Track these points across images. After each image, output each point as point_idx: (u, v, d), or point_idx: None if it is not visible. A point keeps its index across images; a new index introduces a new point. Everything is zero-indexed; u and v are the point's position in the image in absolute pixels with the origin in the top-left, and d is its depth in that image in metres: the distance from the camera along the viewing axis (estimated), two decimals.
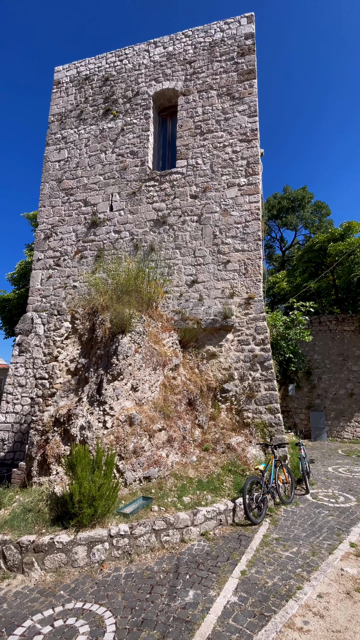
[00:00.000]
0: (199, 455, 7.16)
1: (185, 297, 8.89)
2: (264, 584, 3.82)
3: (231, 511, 5.51)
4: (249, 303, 8.51)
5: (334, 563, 4.20)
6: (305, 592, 3.64)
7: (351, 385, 15.48)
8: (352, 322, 15.82)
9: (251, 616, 3.29)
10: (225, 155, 9.24)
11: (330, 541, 4.82)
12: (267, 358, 8.10)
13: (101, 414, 6.07)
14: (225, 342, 8.48)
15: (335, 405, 15.52)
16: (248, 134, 9.16)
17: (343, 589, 3.69)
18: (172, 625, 3.17)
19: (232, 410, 8.18)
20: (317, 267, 18.42)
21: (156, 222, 9.53)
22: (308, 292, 19.66)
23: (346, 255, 16.16)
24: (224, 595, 3.61)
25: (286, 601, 3.50)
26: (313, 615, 3.29)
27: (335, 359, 15.92)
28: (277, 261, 32.15)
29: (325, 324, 16.33)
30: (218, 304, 8.62)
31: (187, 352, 8.63)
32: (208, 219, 9.09)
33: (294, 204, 29.46)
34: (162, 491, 5.71)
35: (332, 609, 3.36)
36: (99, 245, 9.90)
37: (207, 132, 9.55)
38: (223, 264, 8.77)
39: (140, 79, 10.70)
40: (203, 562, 4.29)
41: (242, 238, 8.74)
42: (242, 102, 9.45)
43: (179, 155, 9.71)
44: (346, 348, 15.83)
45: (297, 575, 3.97)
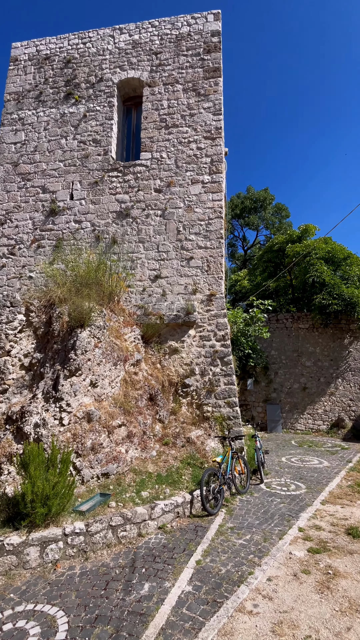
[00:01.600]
0: (159, 449, 7.18)
1: (148, 292, 8.83)
2: (218, 571, 3.94)
3: (189, 503, 5.61)
4: (211, 300, 8.64)
5: (283, 547, 4.43)
6: (256, 576, 3.80)
7: (304, 379, 16.35)
8: (307, 320, 16.67)
9: (204, 604, 3.38)
10: (190, 152, 9.26)
11: (281, 527, 5.07)
12: (227, 354, 8.29)
13: (57, 410, 5.87)
14: (188, 337, 8.55)
15: (290, 398, 16.33)
16: (212, 132, 9.25)
17: (291, 571, 3.91)
18: (127, 619, 3.17)
19: (192, 404, 8.30)
20: (276, 267, 19.17)
21: (119, 214, 9.34)
22: (267, 290, 20.42)
23: (302, 257, 16.97)
24: (179, 586, 3.67)
25: (238, 587, 3.64)
26: (262, 598, 3.46)
27: (290, 355, 16.71)
28: (240, 260, 33.00)
29: (282, 321, 17.06)
30: (181, 299, 8.66)
31: (149, 348, 8.59)
32: (172, 214, 9.07)
33: (256, 204, 30.37)
34: (120, 487, 5.66)
35: (280, 591, 3.55)
36: (57, 235, 9.50)
37: (172, 127, 9.50)
38: (186, 260, 8.81)
39: (104, 64, 10.36)
40: (159, 554, 4.32)
41: (205, 235, 8.83)
42: (208, 99, 9.50)
43: (144, 148, 9.56)
44: (300, 345, 16.67)
45: (249, 561, 4.14)
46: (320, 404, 15.99)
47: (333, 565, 4.00)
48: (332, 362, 16.23)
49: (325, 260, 16.58)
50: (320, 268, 15.91)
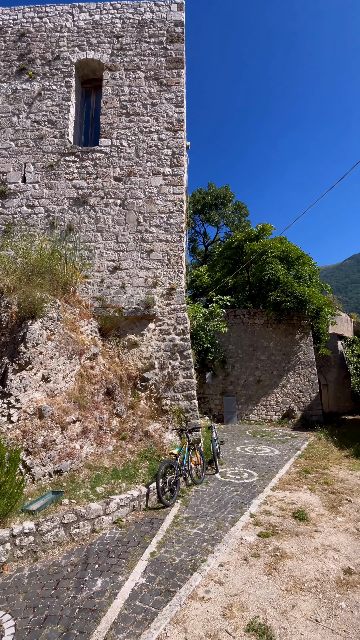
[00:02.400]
0: (115, 444, 7.08)
1: (106, 284, 8.59)
2: (172, 561, 3.97)
3: (145, 496, 5.60)
4: (171, 294, 8.63)
5: (235, 534, 4.59)
6: (209, 563, 3.90)
7: (259, 372, 17.04)
8: (262, 316, 17.34)
9: (158, 594, 3.40)
10: (151, 142, 9.10)
11: (233, 514, 5.25)
12: (186, 347, 8.35)
13: (5, 407, 5.53)
14: (147, 331, 8.48)
15: (245, 391, 16.93)
16: (174, 124, 9.16)
17: (241, 556, 4.06)
18: (78, 617, 3.09)
19: (151, 398, 8.27)
20: (235, 264, 19.65)
21: (76, 201, 8.94)
22: (226, 287, 20.90)
23: (259, 255, 17.56)
24: (133, 579, 3.65)
25: (191, 574, 3.70)
26: (214, 583, 3.55)
27: (246, 349, 17.30)
28: (200, 255, 33.40)
29: (240, 317, 17.58)
30: (141, 292, 8.55)
31: (107, 341, 8.39)
32: (132, 205, 8.88)
33: (217, 201, 30.84)
34: (74, 484, 5.50)
35: (230, 576, 3.67)
36: (7, 219, 8.89)
37: (134, 115, 9.26)
38: (147, 252, 8.69)
39: (62, 42, 9.79)
40: (114, 549, 4.27)
41: (165, 228, 8.77)
42: (170, 90, 9.38)
43: (103, 134, 9.22)
44: (256, 339, 17.32)
45: (203, 549, 4.23)
46: (273, 396, 16.77)
47: (280, 547, 4.21)
48: (284, 356, 17.06)
49: (280, 259, 17.31)
50: (275, 266, 16.58)
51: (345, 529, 4.69)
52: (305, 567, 3.79)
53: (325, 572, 3.68)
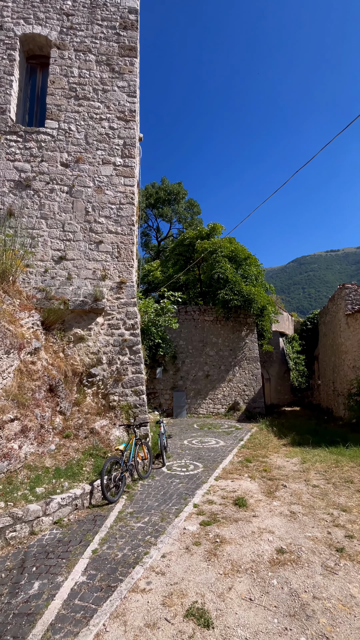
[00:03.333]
0: (59, 443, 6.80)
1: (51, 274, 8.17)
2: (115, 557, 3.94)
3: (88, 494, 5.46)
4: (121, 287, 8.47)
5: (178, 524, 4.68)
6: (151, 555, 3.93)
7: (208, 367, 17.51)
8: (212, 313, 17.82)
9: (98, 590, 3.34)
10: (102, 130, 8.79)
11: (178, 506, 5.34)
12: (136, 343, 8.27)
13: None
14: (95, 325, 8.23)
15: (195, 385, 17.31)
16: (126, 114, 8.95)
17: (183, 545, 4.15)
18: (12, 623, 2.93)
19: (98, 394, 8.07)
20: (187, 261, 19.90)
21: (18, 184, 8.34)
22: (178, 283, 21.09)
23: (209, 253, 17.98)
24: (72, 578, 3.55)
25: (133, 568, 3.70)
26: (156, 574, 3.59)
27: (196, 345, 17.67)
28: (153, 250, 33.25)
29: (190, 313, 17.88)
30: (89, 285, 8.26)
31: (51, 335, 7.99)
32: (80, 193, 8.52)
33: (170, 197, 30.90)
34: (11, 485, 5.18)
35: (172, 565, 3.74)
36: None
37: (83, 99, 8.86)
38: (95, 243, 8.41)
39: (5, 12, 9.02)
40: (53, 550, 4.11)
41: (115, 220, 8.55)
42: (122, 78, 9.14)
43: (50, 115, 8.70)
44: (206, 335, 17.76)
45: (146, 542, 4.25)
46: (220, 390, 17.37)
47: (221, 534, 4.39)
48: (231, 351, 17.73)
49: (229, 259, 17.90)
50: (224, 265, 17.11)
51: (280, 512, 5.03)
52: (242, 550, 4.00)
53: (260, 554, 3.92)
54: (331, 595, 3.20)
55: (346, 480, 6.38)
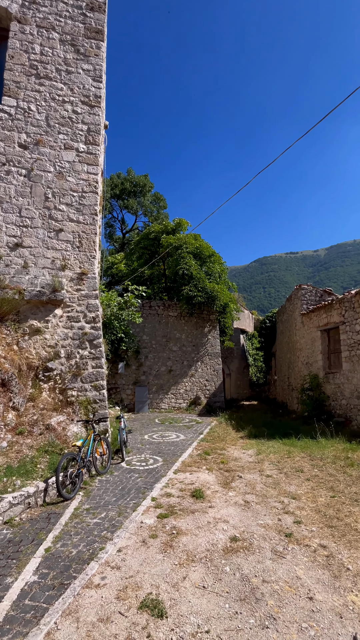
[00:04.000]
0: (10, 440, 6.48)
1: (5, 262, 7.70)
2: (69, 554, 3.84)
3: (42, 492, 5.28)
4: (82, 279, 8.20)
5: (136, 518, 4.67)
6: (107, 550, 3.89)
7: (171, 362, 17.60)
8: (176, 308, 17.89)
9: (50, 589, 3.25)
10: (65, 113, 8.39)
11: (136, 500, 5.33)
12: (97, 336, 8.07)
13: None
14: (53, 317, 7.91)
15: (157, 380, 17.32)
16: (91, 99, 8.62)
17: (140, 538, 4.15)
18: None
19: (55, 389, 7.79)
20: (152, 255, 19.76)
21: None
22: (142, 277, 20.90)
23: (175, 249, 18.00)
24: (23, 578, 3.41)
25: (88, 564, 3.63)
26: (111, 569, 3.55)
27: (160, 340, 17.66)
28: (118, 242, 32.61)
29: (155, 308, 17.82)
30: (47, 274, 7.91)
31: (4, 326, 7.56)
32: (40, 177, 8.09)
33: (136, 189, 30.42)
34: None
35: (128, 559, 3.72)
36: None
37: (45, 78, 8.39)
38: (55, 231, 8.05)
39: None
40: (3, 550, 3.92)
41: (77, 208, 8.24)
42: (88, 61, 8.78)
43: (7, 92, 8.13)
44: (169, 331, 17.81)
45: (102, 537, 4.20)
46: (182, 385, 17.54)
47: (177, 525, 4.45)
48: (194, 347, 17.96)
49: (194, 255, 18.05)
50: (189, 262, 17.22)
51: (235, 502, 5.20)
52: (198, 540, 4.08)
53: (215, 543, 4.02)
54: (279, 578, 3.37)
55: (297, 469, 6.73)
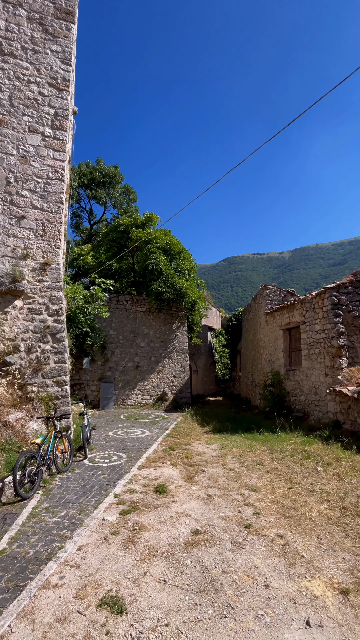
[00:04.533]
0: None
1: None
2: (25, 555, 3.69)
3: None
4: (45, 269, 7.87)
5: (97, 516, 4.58)
6: (66, 549, 3.78)
7: (138, 358, 17.45)
8: (145, 304, 17.74)
9: (5, 592, 3.10)
10: (30, 94, 7.97)
11: (98, 497, 5.23)
12: (60, 330, 7.80)
13: None
14: (13, 309, 7.54)
15: (124, 376, 17.11)
16: (59, 81, 8.24)
17: (101, 536, 4.08)
18: None
19: (14, 384, 7.44)
20: (121, 248, 19.41)
21: None
22: (110, 270, 20.48)
23: (144, 243, 17.81)
24: None
25: (45, 564, 3.52)
26: (70, 568, 3.46)
27: (127, 336, 17.45)
28: (85, 233, 31.70)
29: (123, 303, 17.55)
30: (7, 263, 7.50)
31: None
32: (1, 160, 7.62)
33: (106, 179, 29.68)
34: None
35: (88, 557, 3.65)
36: None
37: (9, 55, 7.90)
38: (17, 218, 7.64)
39: None
40: None
41: (42, 195, 7.88)
42: (57, 42, 8.38)
43: None
44: (137, 326, 17.64)
45: (62, 536, 4.08)
46: (149, 381, 17.48)
47: (140, 521, 4.42)
48: (162, 343, 17.94)
49: (164, 251, 17.96)
50: (159, 257, 17.12)
51: (197, 496, 5.27)
52: (160, 535, 4.09)
53: (177, 537, 4.05)
54: (238, 568, 3.46)
55: (257, 462, 6.96)
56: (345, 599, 3.00)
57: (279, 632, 2.67)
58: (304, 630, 2.68)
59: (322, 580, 3.25)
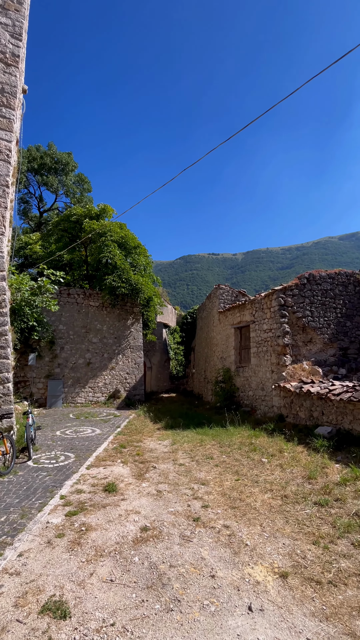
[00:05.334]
0: None
1: None
2: None
3: None
4: None
5: (41, 519, 4.37)
6: (6, 557, 3.55)
7: (90, 355, 16.94)
8: (98, 298, 17.24)
9: None
10: None
11: (42, 500, 4.99)
12: (2, 323, 7.27)
13: None
14: None
15: (74, 373, 16.50)
16: (8, 56, 7.62)
17: (45, 540, 3.90)
18: None
19: None
20: (73, 239, 18.61)
21: None
22: (61, 261, 19.58)
23: (98, 235, 17.28)
24: None
25: None
26: (9, 576, 3.26)
27: (79, 331, 16.83)
28: (34, 221, 29.94)
29: (74, 296, 16.88)
30: None
31: None
32: None
33: (58, 165, 28.26)
34: None
35: (30, 563, 3.46)
36: None
37: None
38: None
39: None
40: None
41: None
42: (7, 15, 7.74)
43: None
44: (90, 321, 17.09)
45: (0, 543, 3.82)
46: (101, 378, 17.05)
47: (87, 522, 4.30)
48: (115, 339, 17.59)
49: (119, 245, 17.59)
50: (113, 251, 16.72)
51: (148, 492, 5.26)
52: (108, 534, 4.01)
53: (125, 535, 4.01)
54: (185, 561, 3.51)
55: (207, 456, 7.13)
56: (285, 582, 3.19)
57: (223, 619, 2.75)
58: (247, 615, 2.80)
59: (264, 566, 3.42)
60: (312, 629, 2.65)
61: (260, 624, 2.70)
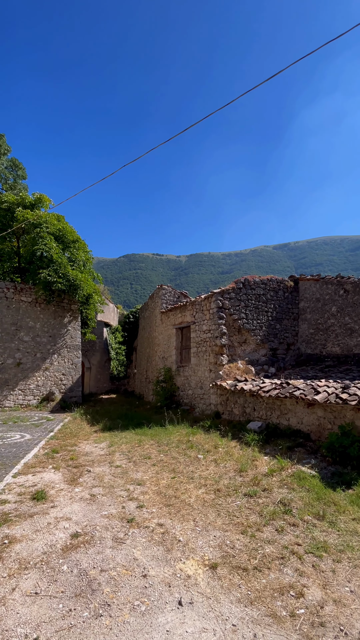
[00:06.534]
0: None
1: None
2: None
3: None
4: None
5: None
6: None
7: (20, 354, 15.76)
8: (31, 293, 16.13)
9: None
10: None
11: None
12: None
13: None
14: None
15: (1, 375, 15.21)
16: None
17: None
18: None
19: None
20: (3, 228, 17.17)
21: None
22: None
23: (32, 226, 16.20)
24: None
25: None
26: None
27: (7, 328, 15.56)
28: None
29: (3, 290, 15.57)
30: None
31: None
32: None
33: None
34: None
35: None
36: None
37: None
38: None
39: None
40: None
41: None
42: None
43: None
44: (20, 318, 15.91)
45: None
46: (33, 379, 15.96)
47: (11, 534, 3.98)
48: (50, 338, 16.62)
49: (56, 238, 16.68)
50: (49, 243, 15.79)
51: (80, 498, 5.05)
52: (34, 545, 3.75)
53: (54, 543, 3.79)
54: (117, 564, 3.44)
55: (145, 457, 7.10)
56: (214, 572, 3.31)
57: (153, 618, 2.75)
58: (177, 610, 2.84)
59: (195, 560, 3.50)
60: (238, 614, 2.78)
61: (190, 617, 2.76)
